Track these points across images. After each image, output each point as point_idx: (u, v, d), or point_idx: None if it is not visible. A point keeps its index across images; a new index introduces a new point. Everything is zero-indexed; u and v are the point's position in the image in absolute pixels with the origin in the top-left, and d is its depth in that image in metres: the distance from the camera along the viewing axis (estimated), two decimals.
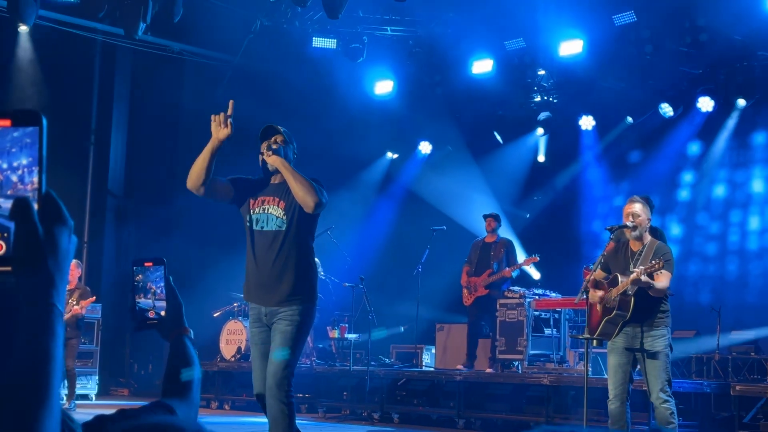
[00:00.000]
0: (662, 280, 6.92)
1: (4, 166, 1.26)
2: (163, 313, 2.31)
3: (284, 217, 5.76)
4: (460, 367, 12.19)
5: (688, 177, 14.26)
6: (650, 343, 6.99)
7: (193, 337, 2.33)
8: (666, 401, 6.98)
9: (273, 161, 5.74)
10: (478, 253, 12.55)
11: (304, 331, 5.68)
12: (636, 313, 6.99)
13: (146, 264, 2.34)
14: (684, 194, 14.24)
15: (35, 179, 1.26)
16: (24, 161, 1.26)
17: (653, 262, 6.87)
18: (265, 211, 5.82)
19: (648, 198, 7.30)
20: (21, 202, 1.23)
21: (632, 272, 6.85)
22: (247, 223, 5.88)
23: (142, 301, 2.32)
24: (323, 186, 5.79)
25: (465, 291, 12.54)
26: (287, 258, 5.73)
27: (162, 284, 2.32)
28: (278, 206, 5.79)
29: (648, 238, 7.17)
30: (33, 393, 1.19)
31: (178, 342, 2.28)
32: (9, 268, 1.22)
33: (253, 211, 5.85)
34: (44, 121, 1.28)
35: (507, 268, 12.24)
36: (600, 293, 7.24)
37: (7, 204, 1.24)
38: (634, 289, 6.93)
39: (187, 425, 1.25)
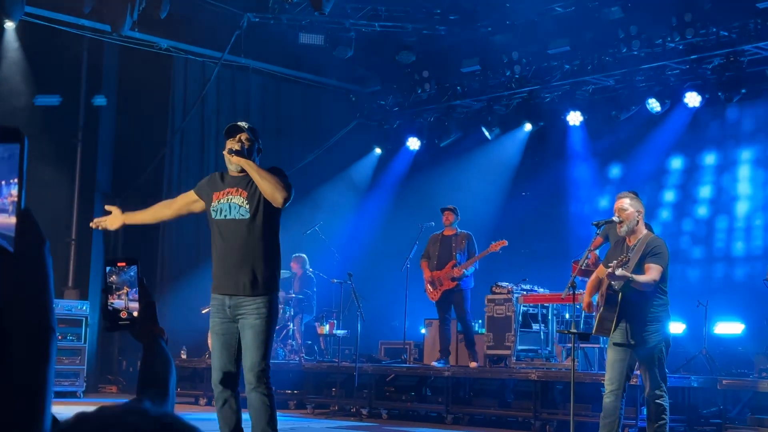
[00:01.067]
0: (648, 274, 6.93)
1: None
2: (135, 313, 2.29)
3: (247, 206, 5.79)
4: (434, 363, 12.18)
5: (675, 174, 14.30)
6: (643, 338, 7.00)
7: (166, 337, 2.32)
8: (659, 397, 6.99)
9: (237, 161, 5.80)
10: (438, 246, 12.39)
11: (272, 321, 5.76)
12: (625, 308, 7.00)
13: (119, 264, 2.31)
14: (671, 192, 14.28)
15: (13, 192, 1.24)
16: (3, 177, 1.25)
17: (621, 257, 6.89)
18: (228, 201, 5.86)
19: (635, 193, 7.33)
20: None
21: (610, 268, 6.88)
22: (211, 215, 5.93)
23: (116, 302, 2.30)
24: (287, 177, 5.82)
25: (429, 287, 12.37)
26: (252, 247, 5.76)
27: (135, 284, 2.30)
28: (240, 195, 5.83)
29: (642, 231, 7.19)
30: (29, 414, 1.20)
31: (152, 342, 2.27)
32: None
33: (217, 202, 5.90)
34: (25, 139, 1.27)
35: (476, 256, 12.06)
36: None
37: None
38: (619, 284, 6.94)
39: (153, 411, 1.23)
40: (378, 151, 17.05)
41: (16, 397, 1.21)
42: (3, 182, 1.25)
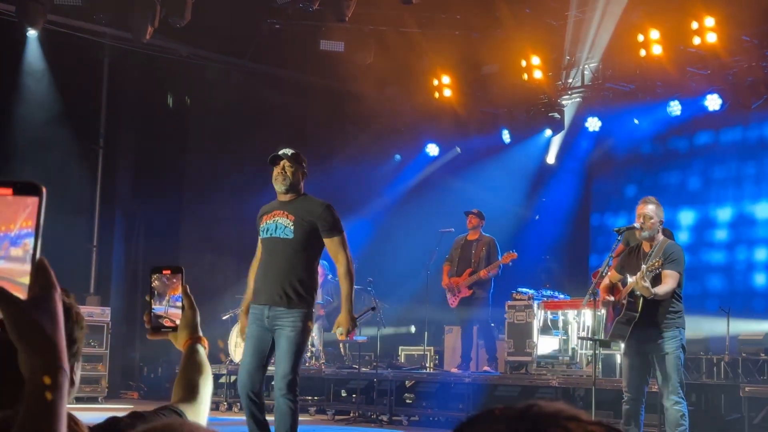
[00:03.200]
0: (666, 283, 6.90)
1: (2, 230, 1.30)
2: (178, 321, 2.31)
3: (292, 227, 6.22)
4: (454, 370, 12.15)
5: (695, 177, 14.22)
6: (661, 345, 6.97)
7: (207, 346, 2.34)
8: (677, 403, 6.95)
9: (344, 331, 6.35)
10: (459, 252, 12.31)
11: (305, 335, 6.16)
12: (645, 314, 6.98)
13: (164, 271, 2.34)
14: (692, 195, 14.20)
15: (31, 242, 1.30)
16: (21, 227, 1.31)
17: (651, 262, 6.87)
18: (275, 222, 6.31)
19: (657, 200, 7.30)
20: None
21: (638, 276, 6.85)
22: (259, 235, 6.42)
23: (158, 308, 2.32)
24: (339, 221, 6.32)
25: (448, 294, 12.32)
26: (293, 264, 6.21)
27: (179, 292, 2.33)
28: (287, 218, 6.27)
29: (660, 237, 7.16)
30: None
31: (192, 350, 2.28)
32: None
33: (265, 223, 6.35)
34: (44, 193, 1.32)
35: (483, 269, 11.95)
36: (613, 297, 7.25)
37: (2, 266, 1.29)
38: (645, 292, 6.90)
39: (195, 427, 1.27)
40: (398, 156, 17.06)
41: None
42: (19, 232, 1.31)
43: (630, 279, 7.03)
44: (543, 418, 0.97)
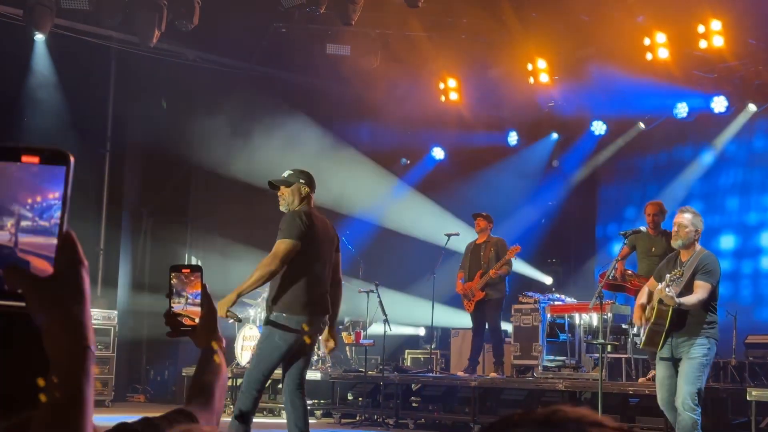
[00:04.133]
0: (696, 294, 6.90)
1: (29, 200, 1.27)
2: (197, 320, 2.32)
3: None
4: (461, 373, 12.14)
5: (700, 180, 14.19)
6: (688, 350, 6.96)
7: (224, 346, 2.35)
8: (692, 409, 6.93)
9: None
10: (470, 256, 12.34)
11: (270, 342, 6.58)
12: (675, 322, 6.97)
13: (184, 270, 2.35)
14: (698, 197, 14.18)
15: (57, 214, 1.27)
16: (47, 197, 1.28)
17: (676, 271, 6.86)
18: None
19: (695, 211, 7.29)
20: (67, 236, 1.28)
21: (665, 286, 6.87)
22: None
23: (178, 307, 2.33)
24: (285, 233, 6.59)
25: (464, 300, 12.29)
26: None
27: (198, 291, 2.33)
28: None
29: (697, 247, 7.15)
30: None
31: (209, 350, 2.30)
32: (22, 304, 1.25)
33: None
34: (72, 162, 1.29)
35: (491, 270, 11.94)
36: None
37: (29, 238, 1.26)
38: (671, 301, 6.89)
39: None
40: (404, 159, 17.07)
41: (57, 416, 1.23)
42: (46, 206, 1.27)
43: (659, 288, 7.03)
44: (567, 424, 0.97)
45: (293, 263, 6.58)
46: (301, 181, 6.74)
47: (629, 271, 10.54)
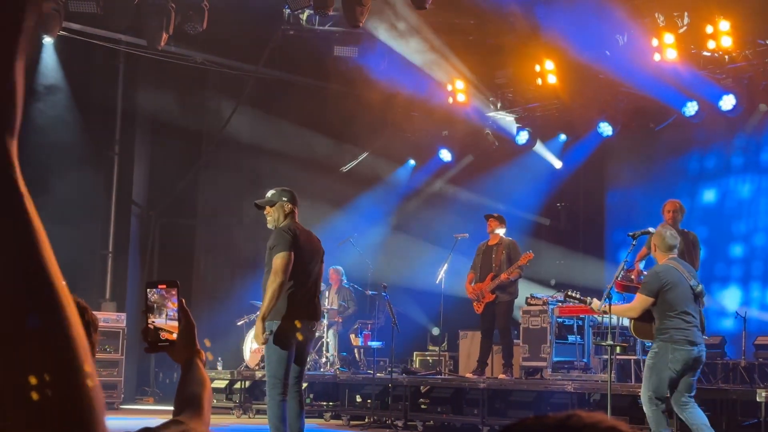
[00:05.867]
0: (630, 303, 7.69)
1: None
2: (174, 335, 2.32)
3: (266, 256, 7.30)
4: (469, 375, 12.11)
5: (709, 179, 14.15)
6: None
7: (204, 358, 2.35)
8: (647, 406, 7.55)
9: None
10: (481, 258, 12.29)
11: (269, 344, 7.12)
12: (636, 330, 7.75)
13: (160, 286, 2.35)
14: (708, 196, 14.14)
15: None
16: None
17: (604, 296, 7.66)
18: None
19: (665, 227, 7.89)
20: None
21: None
22: None
23: (156, 322, 2.33)
24: (279, 249, 7.10)
25: (474, 301, 12.25)
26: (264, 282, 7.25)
27: (175, 306, 2.34)
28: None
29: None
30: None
31: (190, 364, 2.30)
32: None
33: None
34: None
35: (504, 273, 11.90)
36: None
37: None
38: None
39: None
40: (412, 161, 17.07)
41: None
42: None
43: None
44: (582, 429, 0.97)
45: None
46: (283, 198, 7.34)
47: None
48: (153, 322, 2.32)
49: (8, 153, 0.92)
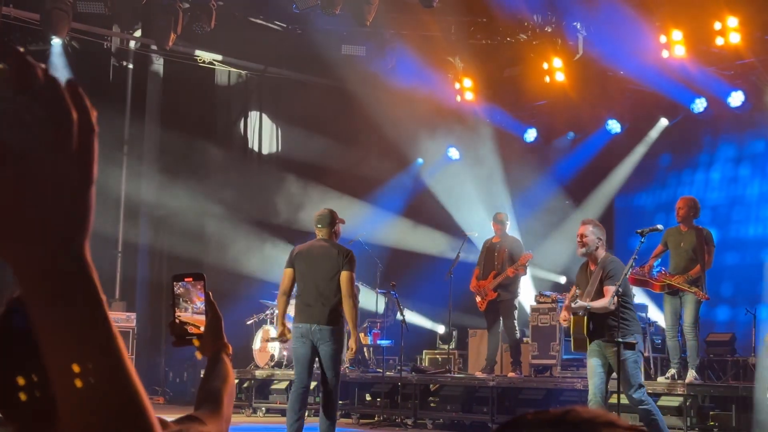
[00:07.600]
0: (605, 298, 7.60)
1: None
2: (202, 328, 2.32)
3: None
4: (479, 373, 12.12)
5: (720, 176, 14.12)
6: (614, 356, 7.72)
7: (231, 352, 2.35)
8: (641, 402, 7.63)
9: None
10: (485, 255, 12.33)
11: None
12: (593, 330, 7.78)
13: (186, 279, 2.34)
14: (717, 192, 14.10)
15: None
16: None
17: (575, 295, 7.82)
18: None
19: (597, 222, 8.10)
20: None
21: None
22: None
23: (182, 316, 2.33)
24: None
25: (477, 297, 12.33)
26: None
27: (202, 299, 2.34)
28: None
29: (601, 254, 7.85)
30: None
31: (216, 357, 2.30)
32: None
33: None
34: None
35: (506, 270, 11.90)
36: None
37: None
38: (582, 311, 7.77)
39: None
40: (420, 159, 17.06)
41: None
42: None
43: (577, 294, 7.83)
44: (580, 424, 0.98)
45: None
46: (336, 220, 8.78)
47: (663, 270, 10.45)
48: (179, 316, 2.31)
49: (86, 256, 1.01)
